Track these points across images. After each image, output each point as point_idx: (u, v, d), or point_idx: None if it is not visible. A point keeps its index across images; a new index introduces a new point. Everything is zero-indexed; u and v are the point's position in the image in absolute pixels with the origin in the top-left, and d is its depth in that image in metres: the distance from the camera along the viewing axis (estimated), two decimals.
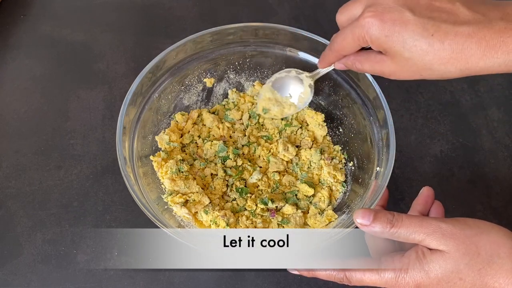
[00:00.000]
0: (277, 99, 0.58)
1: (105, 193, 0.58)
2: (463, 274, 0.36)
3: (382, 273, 0.39)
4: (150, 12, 0.77)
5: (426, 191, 0.46)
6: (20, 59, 0.70)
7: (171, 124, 0.59)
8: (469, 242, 0.36)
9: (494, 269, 0.36)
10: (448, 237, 0.37)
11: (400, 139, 0.64)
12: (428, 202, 0.46)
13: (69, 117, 0.64)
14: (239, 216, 0.53)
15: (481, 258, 0.36)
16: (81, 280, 0.52)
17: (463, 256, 0.36)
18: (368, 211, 0.39)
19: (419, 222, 0.38)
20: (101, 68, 0.69)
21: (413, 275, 0.38)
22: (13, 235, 0.55)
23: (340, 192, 0.56)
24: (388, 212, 0.39)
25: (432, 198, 0.46)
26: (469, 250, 0.36)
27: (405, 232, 0.38)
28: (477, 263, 0.36)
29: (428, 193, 0.46)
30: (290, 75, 0.57)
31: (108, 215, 0.56)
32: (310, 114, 0.60)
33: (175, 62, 0.56)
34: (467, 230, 0.37)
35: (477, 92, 0.69)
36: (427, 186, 0.46)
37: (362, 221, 0.39)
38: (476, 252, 0.36)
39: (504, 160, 0.63)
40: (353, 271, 0.40)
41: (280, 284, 0.53)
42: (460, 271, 0.36)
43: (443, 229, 0.37)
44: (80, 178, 0.59)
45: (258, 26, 0.57)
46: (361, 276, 0.40)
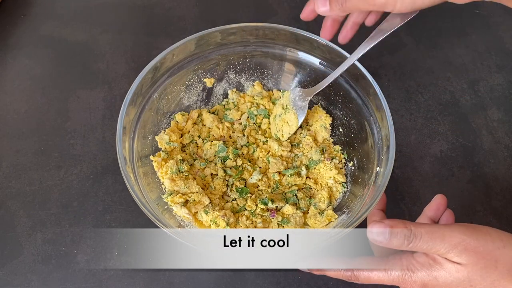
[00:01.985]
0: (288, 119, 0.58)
1: (105, 193, 0.58)
2: (474, 282, 0.36)
3: (390, 271, 0.39)
4: (150, 12, 0.77)
5: (439, 199, 0.46)
6: (20, 59, 0.70)
7: (171, 124, 0.59)
8: (489, 257, 0.36)
9: (508, 280, 0.36)
10: (470, 252, 0.36)
11: (400, 139, 0.64)
12: (440, 210, 0.46)
13: (69, 117, 0.64)
14: (239, 216, 0.53)
15: (498, 272, 0.36)
16: (81, 280, 0.52)
17: (480, 270, 0.36)
18: (383, 226, 0.38)
19: (440, 236, 0.37)
20: (101, 68, 0.69)
21: (421, 275, 0.38)
22: (13, 235, 0.55)
23: (340, 192, 0.56)
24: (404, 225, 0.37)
25: (445, 206, 0.46)
26: (488, 264, 0.36)
27: (425, 246, 0.37)
28: (492, 275, 0.36)
29: (441, 201, 0.46)
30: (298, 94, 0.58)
31: (108, 215, 0.56)
32: (319, 113, 0.60)
33: (175, 62, 0.56)
34: (490, 244, 0.36)
35: (477, 92, 0.69)
36: (441, 194, 0.46)
37: (378, 238, 0.38)
38: (494, 266, 0.36)
39: (504, 160, 0.63)
40: (361, 269, 0.41)
41: (280, 284, 0.53)
42: (473, 279, 0.36)
43: (466, 242, 0.36)
44: (80, 178, 0.59)
45: (258, 26, 0.57)
46: (369, 274, 0.40)
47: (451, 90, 0.70)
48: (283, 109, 0.58)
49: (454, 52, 0.74)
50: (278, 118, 0.59)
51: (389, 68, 0.69)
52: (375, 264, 0.40)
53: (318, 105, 0.61)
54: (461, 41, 0.75)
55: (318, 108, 0.61)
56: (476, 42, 0.75)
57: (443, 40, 0.75)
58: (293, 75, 0.62)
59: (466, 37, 0.76)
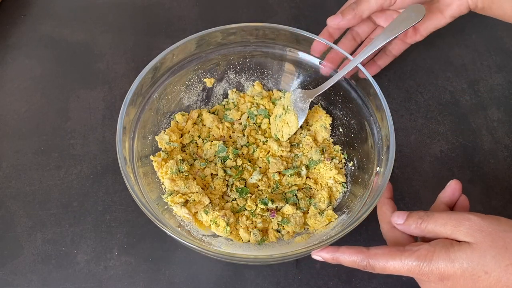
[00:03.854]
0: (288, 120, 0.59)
1: (105, 193, 0.58)
2: (488, 267, 0.36)
3: (406, 260, 0.38)
4: (150, 12, 0.77)
5: (454, 184, 0.45)
6: (20, 59, 0.70)
7: (171, 124, 0.59)
8: (496, 236, 0.36)
9: None
10: (475, 229, 0.37)
11: (400, 139, 0.64)
12: (455, 195, 0.45)
13: (69, 117, 0.64)
14: (239, 216, 0.53)
15: (508, 254, 0.35)
16: (81, 280, 0.52)
17: (490, 248, 0.36)
18: (403, 212, 0.42)
19: (448, 215, 0.39)
20: (101, 68, 0.69)
21: (437, 264, 0.37)
22: (13, 235, 0.55)
23: (340, 192, 0.56)
24: (420, 211, 0.41)
25: (460, 191, 0.45)
26: (496, 243, 0.36)
27: (433, 226, 0.39)
28: (504, 258, 0.36)
29: (456, 186, 0.45)
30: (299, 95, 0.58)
31: (108, 215, 0.56)
32: (319, 113, 0.60)
33: (175, 62, 0.56)
34: (495, 225, 0.37)
35: (477, 92, 0.69)
36: (456, 179, 0.46)
37: (397, 220, 0.42)
38: (504, 247, 0.36)
39: (504, 160, 0.63)
40: (376, 258, 0.40)
41: (280, 284, 0.53)
42: (486, 264, 0.36)
43: (471, 221, 0.37)
44: (80, 178, 0.59)
45: (258, 26, 0.57)
46: (384, 264, 0.40)
47: (451, 90, 0.70)
48: (283, 109, 0.58)
49: (454, 52, 0.74)
50: (279, 118, 0.59)
51: (389, 68, 0.69)
52: (391, 254, 0.40)
53: (318, 105, 0.61)
54: (461, 41, 0.75)
55: (318, 108, 0.61)
56: (476, 42, 0.75)
57: (443, 40, 0.75)
58: (293, 75, 0.62)
59: (466, 37, 0.76)
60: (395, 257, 0.39)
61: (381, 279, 0.53)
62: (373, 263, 0.40)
